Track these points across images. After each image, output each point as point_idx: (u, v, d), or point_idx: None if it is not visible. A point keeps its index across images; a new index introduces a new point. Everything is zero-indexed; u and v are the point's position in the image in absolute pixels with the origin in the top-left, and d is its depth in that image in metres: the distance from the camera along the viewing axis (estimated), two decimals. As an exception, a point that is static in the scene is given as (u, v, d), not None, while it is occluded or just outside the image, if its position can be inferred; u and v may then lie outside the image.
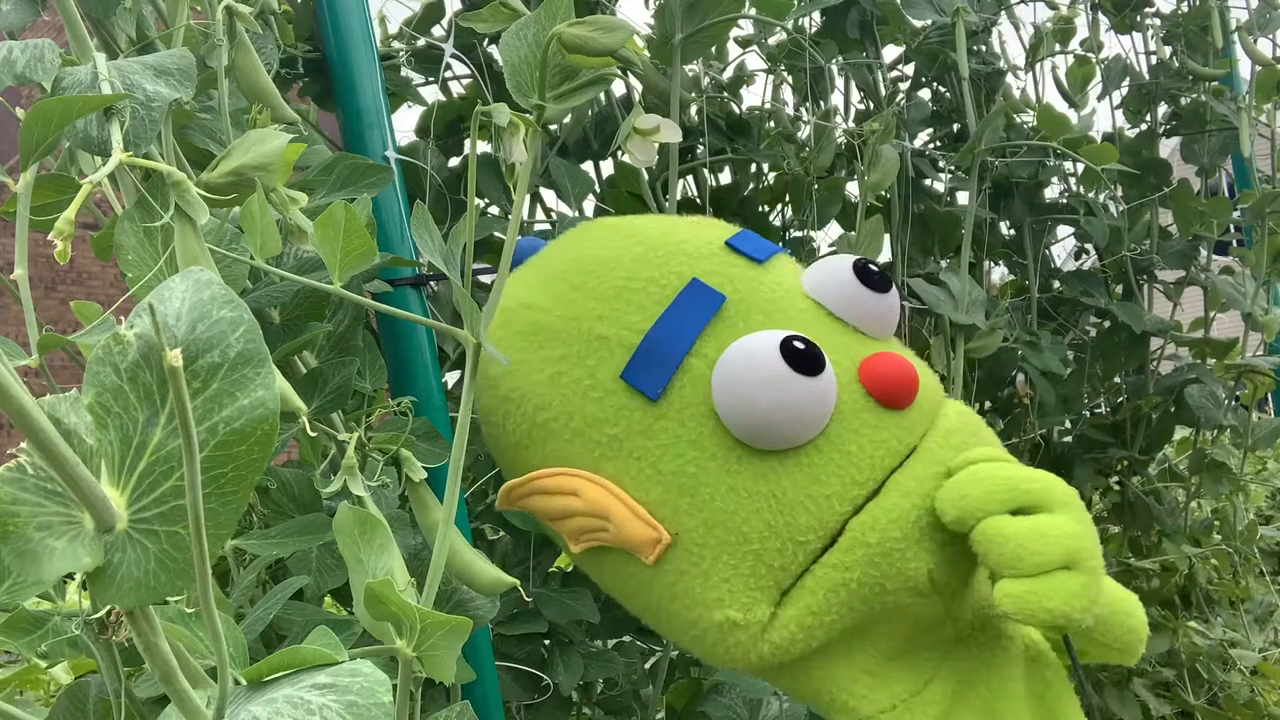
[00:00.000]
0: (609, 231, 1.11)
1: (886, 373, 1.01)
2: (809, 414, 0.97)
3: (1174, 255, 2.32)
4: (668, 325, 1.01)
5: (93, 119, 0.81)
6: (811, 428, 0.98)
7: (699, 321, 1.01)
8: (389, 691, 0.54)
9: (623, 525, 1.00)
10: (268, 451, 0.48)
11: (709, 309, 1.01)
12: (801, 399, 0.96)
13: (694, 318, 1.01)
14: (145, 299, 0.48)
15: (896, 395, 1.01)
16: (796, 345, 0.96)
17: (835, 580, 0.97)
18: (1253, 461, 2.64)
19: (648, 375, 1.00)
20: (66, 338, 0.84)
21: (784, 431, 0.97)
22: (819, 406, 0.97)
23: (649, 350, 1.01)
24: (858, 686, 1.03)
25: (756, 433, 0.98)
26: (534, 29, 0.88)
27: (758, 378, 0.96)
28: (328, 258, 0.86)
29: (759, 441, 0.98)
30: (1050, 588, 0.90)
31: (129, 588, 0.48)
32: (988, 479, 0.96)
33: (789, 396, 0.95)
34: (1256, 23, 2.35)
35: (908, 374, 1.01)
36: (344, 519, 0.84)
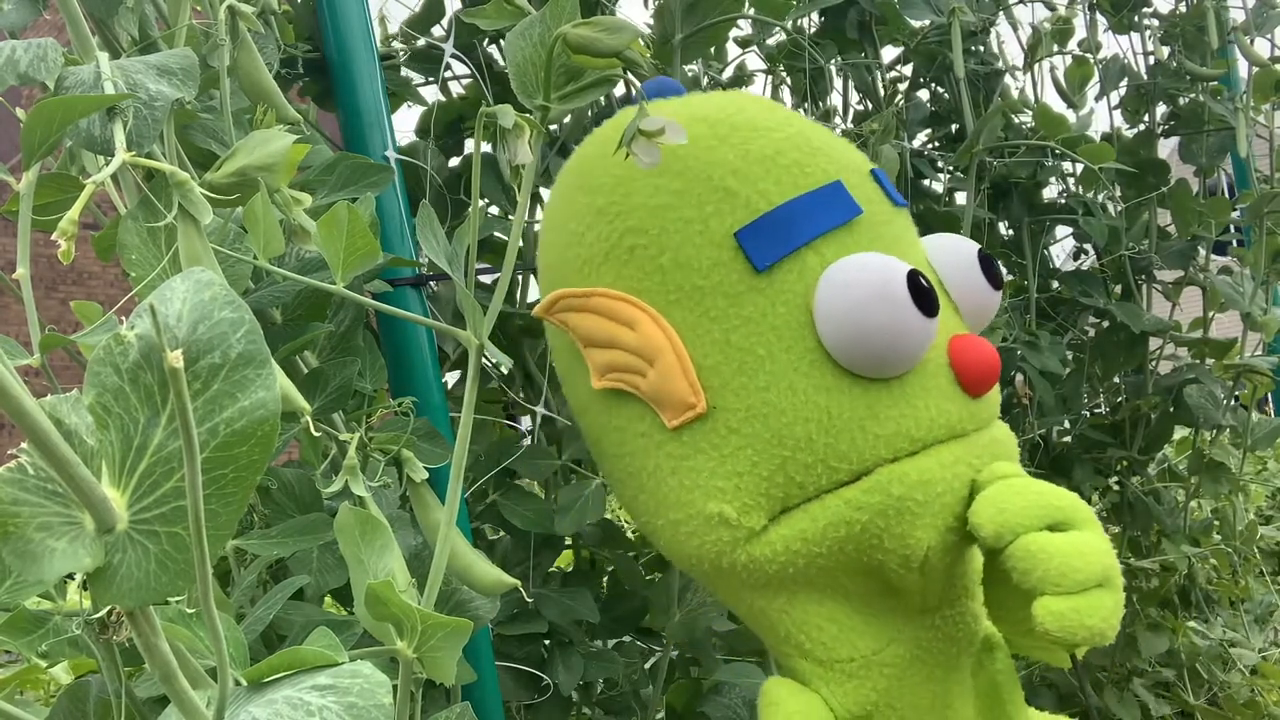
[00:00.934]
0: (769, 107, 1.09)
1: (976, 356, 1.00)
2: (906, 350, 0.96)
3: (1173, 255, 2.32)
4: (801, 208, 0.99)
5: (95, 118, 0.81)
6: (900, 365, 0.97)
7: (831, 220, 0.99)
8: (389, 693, 0.54)
9: (666, 377, 0.98)
10: (268, 452, 0.48)
11: (844, 214, 1.00)
12: (909, 332, 0.95)
13: (828, 214, 1.00)
14: (146, 300, 0.48)
15: (977, 380, 1.00)
16: (922, 281, 0.95)
17: (841, 515, 0.96)
18: (1253, 461, 2.64)
19: (763, 244, 0.98)
20: (68, 338, 0.84)
21: (874, 355, 0.97)
22: (917, 348, 0.97)
23: (774, 222, 0.99)
24: (819, 633, 1.02)
25: (847, 346, 0.96)
26: (539, 29, 0.88)
27: (877, 293, 0.95)
28: (330, 258, 0.86)
29: (842, 355, 0.97)
30: (1091, 605, 0.90)
31: (129, 588, 0.48)
32: (1025, 493, 0.95)
33: (899, 324, 0.95)
34: (1254, 22, 2.35)
35: (993, 365, 1.01)
36: (345, 519, 0.84)
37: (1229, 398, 2.29)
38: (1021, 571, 0.92)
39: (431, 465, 1.14)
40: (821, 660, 1.02)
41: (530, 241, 1.68)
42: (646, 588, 1.65)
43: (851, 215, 1.00)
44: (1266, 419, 2.43)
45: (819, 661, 1.02)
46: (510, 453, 1.55)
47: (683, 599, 1.57)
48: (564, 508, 1.48)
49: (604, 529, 1.70)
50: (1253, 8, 2.37)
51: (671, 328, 0.99)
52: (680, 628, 1.56)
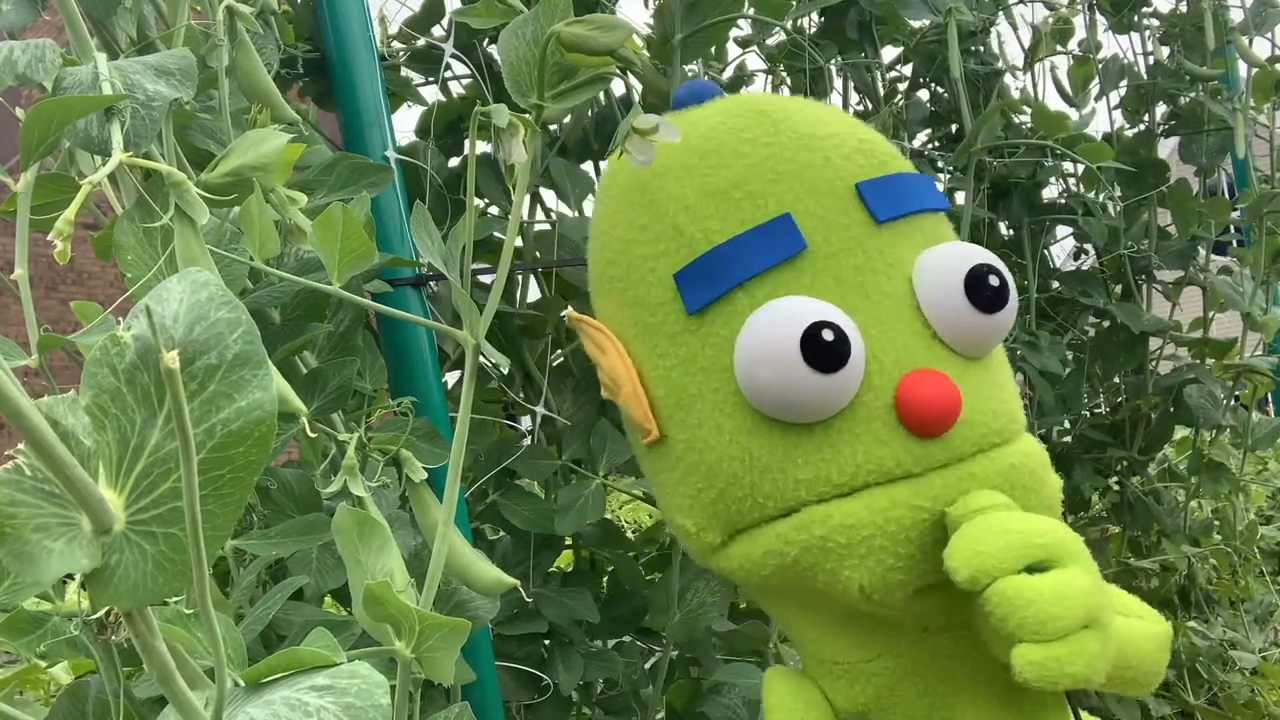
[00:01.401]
0: (758, 119, 1.02)
1: (920, 398, 0.93)
2: (807, 406, 0.93)
3: (1173, 255, 2.32)
4: (737, 248, 0.96)
5: (93, 119, 0.81)
6: (810, 416, 0.93)
7: (767, 259, 0.95)
8: (387, 693, 0.54)
9: (628, 403, 1.00)
10: (265, 453, 0.48)
11: (784, 251, 0.95)
12: (802, 390, 0.92)
13: (765, 253, 0.95)
14: (143, 300, 0.48)
15: (922, 423, 0.93)
16: (824, 336, 0.90)
17: (774, 547, 0.95)
18: (1253, 461, 2.64)
19: (695, 286, 0.96)
20: (66, 338, 0.84)
21: (777, 409, 0.94)
22: (820, 402, 0.93)
23: (708, 264, 0.96)
24: (803, 635, 1.02)
25: (753, 396, 0.94)
26: (532, 28, 0.88)
27: (768, 353, 0.92)
28: (326, 259, 0.86)
29: (755, 403, 0.94)
30: (1072, 652, 0.85)
31: (127, 589, 0.48)
32: (1004, 531, 0.90)
33: (788, 383, 0.91)
34: (1252, 22, 2.35)
35: (943, 405, 0.93)
36: (343, 520, 0.84)
37: (1229, 398, 2.29)
38: (998, 619, 0.87)
39: (431, 465, 1.14)
40: (812, 657, 1.02)
41: (529, 241, 1.68)
42: (646, 588, 1.65)
43: (792, 251, 0.95)
44: (1267, 419, 2.43)
45: (809, 657, 1.02)
46: (510, 453, 1.56)
47: (683, 599, 1.57)
48: (564, 508, 1.48)
49: (604, 529, 1.70)
50: (1251, 7, 2.37)
51: (630, 360, 1.00)
52: (680, 628, 1.57)
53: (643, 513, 3.28)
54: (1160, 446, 2.39)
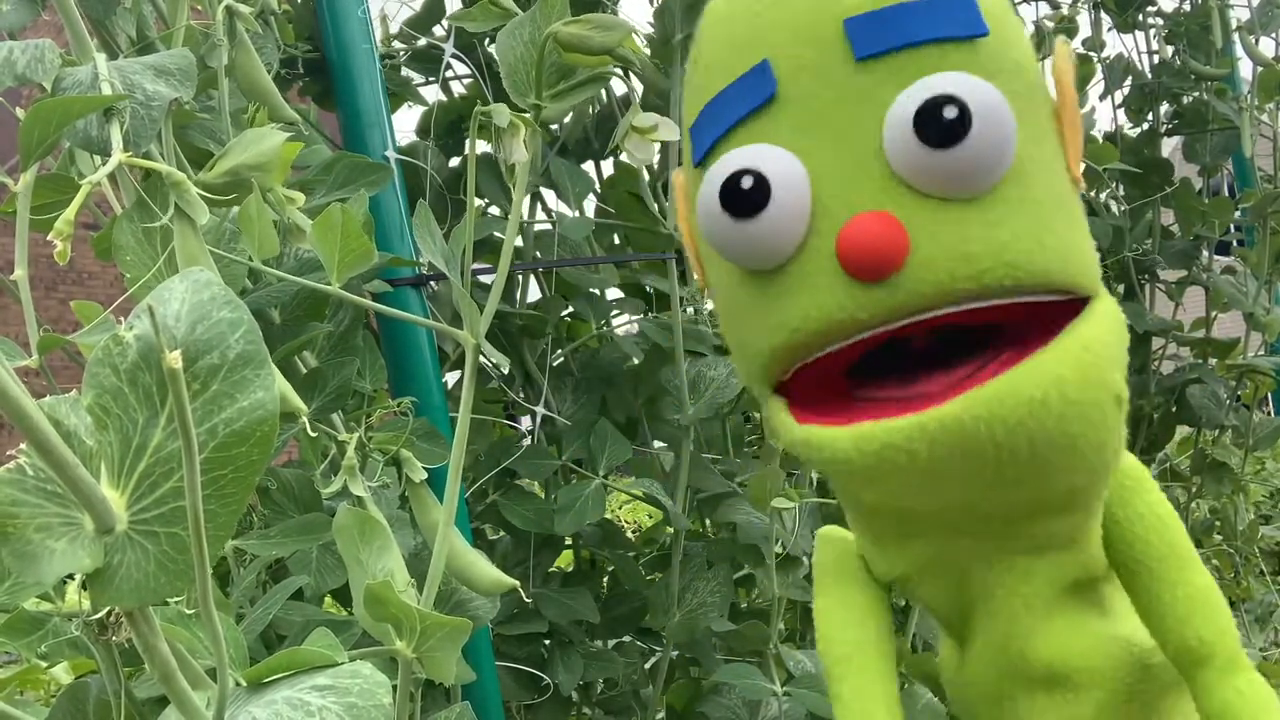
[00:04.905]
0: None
1: (848, 241, 0.84)
2: (740, 252, 0.88)
3: (1176, 255, 2.32)
4: (722, 101, 0.91)
5: (93, 119, 0.81)
6: (754, 263, 0.88)
7: (742, 109, 0.90)
8: (388, 693, 0.54)
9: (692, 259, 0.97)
10: (267, 453, 0.48)
11: (757, 97, 0.89)
12: (727, 237, 0.87)
13: (741, 102, 0.90)
14: (145, 300, 0.48)
15: (855, 267, 0.84)
16: (741, 184, 0.85)
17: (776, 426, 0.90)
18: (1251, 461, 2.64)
19: (698, 139, 0.92)
20: (66, 338, 0.84)
21: (726, 256, 0.89)
22: (751, 248, 0.87)
23: (704, 118, 0.92)
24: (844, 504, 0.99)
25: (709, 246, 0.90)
26: (530, 28, 0.88)
27: (704, 204, 0.87)
28: (326, 259, 0.86)
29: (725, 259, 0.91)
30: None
31: (128, 589, 0.48)
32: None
33: (715, 231, 0.87)
34: (1258, 21, 2.35)
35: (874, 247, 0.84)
36: (343, 520, 0.84)
37: (1231, 398, 2.29)
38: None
39: (431, 465, 1.14)
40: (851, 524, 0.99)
41: (529, 241, 1.68)
42: (646, 588, 1.65)
43: (761, 98, 0.89)
44: (1268, 419, 2.43)
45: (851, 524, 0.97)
46: (510, 453, 1.56)
47: (683, 599, 1.57)
48: (564, 508, 1.48)
49: (604, 529, 1.70)
50: (1257, 7, 2.37)
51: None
52: (680, 628, 1.56)
53: (642, 513, 3.28)
54: (1162, 446, 2.39)
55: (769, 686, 1.46)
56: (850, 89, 0.87)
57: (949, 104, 0.83)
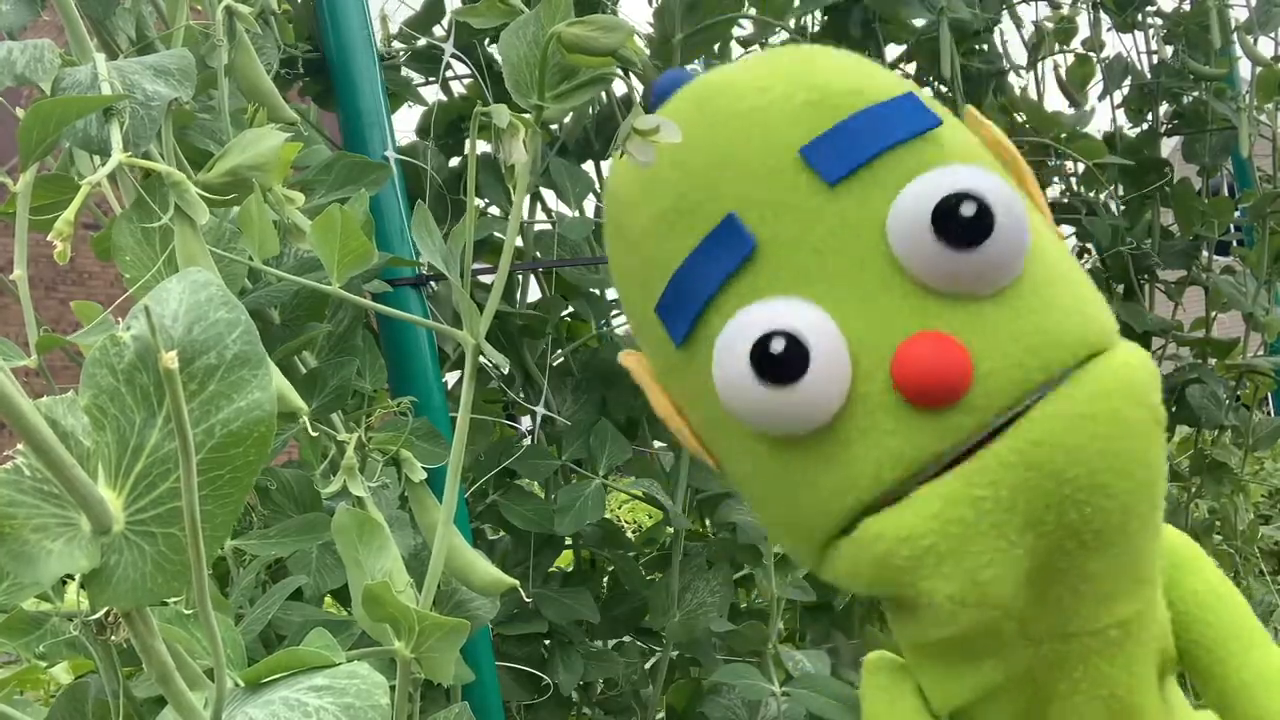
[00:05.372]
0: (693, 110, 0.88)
1: (908, 371, 0.79)
2: (788, 421, 0.82)
3: (1175, 255, 2.32)
4: (693, 266, 0.84)
5: (92, 119, 0.81)
6: (802, 429, 0.82)
7: (724, 269, 0.83)
8: (386, 693, 0.54)
9: (679, 436, 0.89)
10: (264, 453, 0.48)
11: (736, 255, 0.83)
12: (772, 409, 0.81)
13: (719, 263, 0.83)
14: (142, 300, 0.48)
15: (922, 397, 0.79)
16: (772, 348, 0.79)
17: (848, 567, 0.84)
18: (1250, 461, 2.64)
19: (673, 318, 0.86)
20: (65, 338, 0.84)
21: (765, 428, 0.83)
22: (800, 415, 0.81)
23: (676, 290, 0.85)
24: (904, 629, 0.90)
25: (741, 422, 0.84)
26: (534, 28, 0.88)
27: (727, 379, 0.81)
28: (325, 259, 0.86)
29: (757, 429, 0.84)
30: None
31: (126, 589, 0.48)
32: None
33: (757, 404, 0.81)
34: (1257, 21, 2.35)
35: (937, 370, 0.79)
36: (342, 520, 0.84)
37: (1230, 397, 2.29)
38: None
39: (431, 465, 1.14)
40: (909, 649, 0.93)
41: (529, 241, 1.68)
42: (646, 588, 1.65)
43: (742, 254, 0.83)
44: (1267, 419, 2.43)
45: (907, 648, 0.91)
46: (510, 453, 1.56)
47: (682, 599, 1.57)
48: (564, 508, 1.48)
49: (604, 529, 1.70)
50: (1256, 6, 2.37)
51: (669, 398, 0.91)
52: (680, 628, 1.56)
53: (642, 513, 3.28)
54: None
55: (768, 686, 1.46)
56: (835, 215, 0.82)
57: (965, 200, 0.79)
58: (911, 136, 0.82)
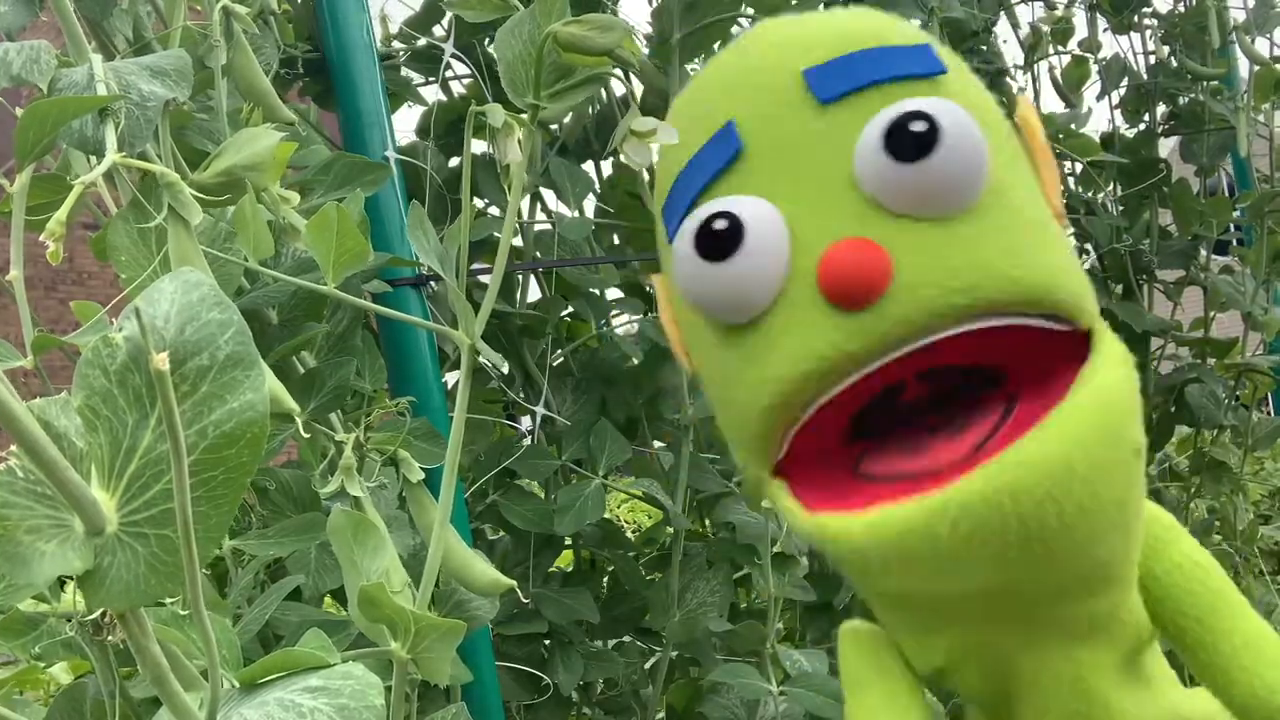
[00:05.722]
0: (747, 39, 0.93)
1: (828, 268, 0.81)
2: (718, 299, 0.85)
3: (1173, 255, 2.32)
4: (691, 169, 0.89)
5: (88, 120, 0.81)
6: (734, 313, 0.85)
7: (709, 171, 0.88)
8: (381, 694, 0.54)
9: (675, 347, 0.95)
10: (258, 454, 0.48)
11: (722, 158, 0.88)
12: (704, 283, 0.84)
13: (710, 165, 0.88)
14: (134, 301, 0.48)
15: (838, 294, 0.81)
16: (714, 225, 0.83)
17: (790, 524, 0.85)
18: (1250, 461, 2.64)
19: (669, 216, 0.90)
20: (61, 339, 0.84)
21: (703, 309, 0.87)
22: (730, 293, 0.84)
23: (675, 192, 0.90)
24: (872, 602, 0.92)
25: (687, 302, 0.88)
26: (529, 26, 0.88)
27: (679, 256, 0.85)
28: (321, 259, 0.86)
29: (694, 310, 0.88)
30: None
31: (119, 591, 0.48)
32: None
33: (693, 278, 0.84)
34: (1254, 22, 2.35)
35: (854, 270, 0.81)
36: (337, 521, 0.84)
37: (1230, 397, 2.29)
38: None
39: (430, 465, 1.14)
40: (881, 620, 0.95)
41: (529, 241, 1.68)
42: (646, 588, 1.65)
43: (729, 156, 0.88)
44: (1267, 419, 2.43)
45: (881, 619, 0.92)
46: (510, 453, 1.56)
47: (682, 599, 1.57)
48: (564, 508, 1.48)
49: (604, 529, 1.70)
50: (1253, 7, 2.36)
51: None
52: (680, 628, 1.56)
53: (642, 513, 3.29)
54: (1161, 446, 2.39)
55: (766, 686, 1.46)
56: (817, 130, 0.86)
57: (917, 119, 0.82)
58: (911, 75, 0.86)
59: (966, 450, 0.79)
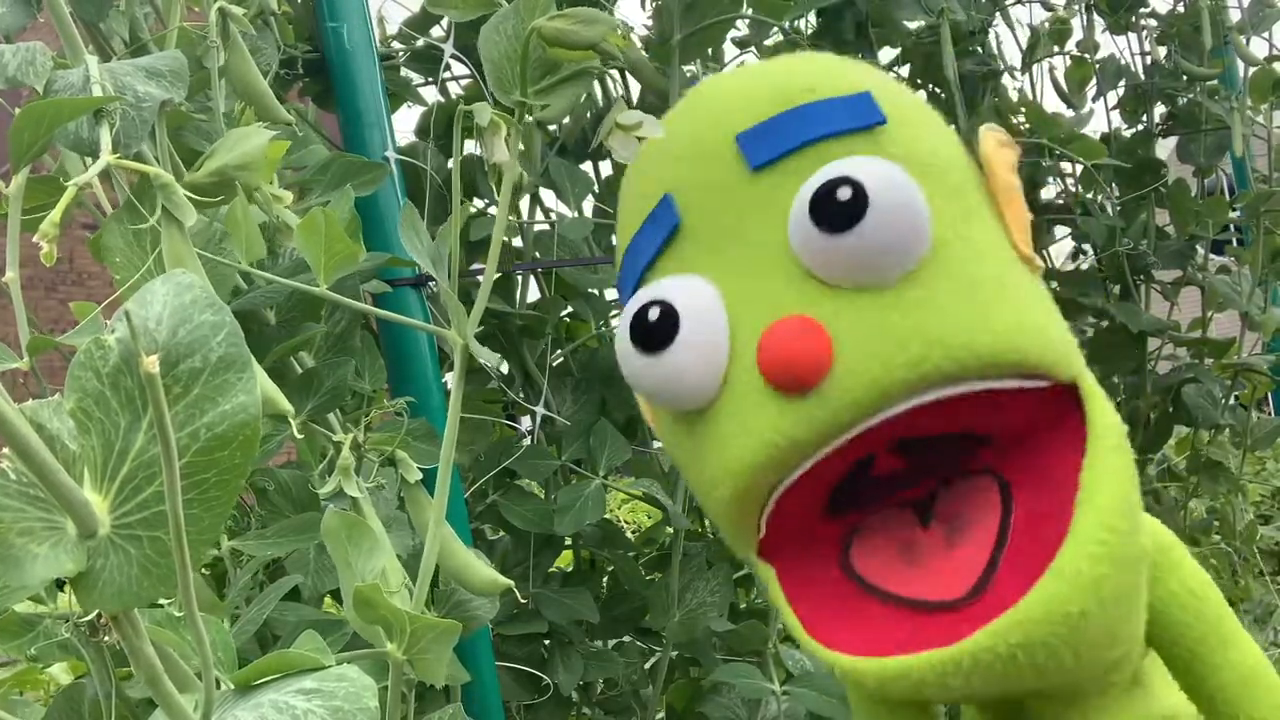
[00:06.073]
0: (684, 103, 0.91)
1: (770, 350, 0.79)
2: (661, 391, 0.84)
3: (1171, 255, 2.32)
4: (635, 245, 0.88)
5: (83, 121, 0.81)
6: (682, 404, 0.84)
7: (652, 247, 0.86)
8: (375, 696, 0.54)
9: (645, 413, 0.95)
10: (251, 456, 0.48)
11: (661, 234, 0.86)
12: (644, 376, 0.83)
13: (651, 240, 0.87)
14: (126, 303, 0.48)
15: (778, 379, 0.78)
16: (648, 315, 0.81)
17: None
18: (1251, 461, 2.63)
19: (623, 288, 0.90)
20: (56, 339, 0.84)
21: (655, 401, 0.86)
22: (667, 384, 0.83)
23: (624, 269, 0.90)
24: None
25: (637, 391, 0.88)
26: (513, 23, 0.88)
27: (619, 346, 0.84)
28: (312, 261, 0.86)
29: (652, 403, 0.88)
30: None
31: (112, 593, 0.48)
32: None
33: (634, 371, 0.83)
34: (1250, 22, 2.35)
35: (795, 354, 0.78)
36: (331, 523, 0.84)
37: (1226, 397, 2.29)
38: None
39: (428, 466, 1.14)
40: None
41: (529, 241, 1.68)
42: (646, 588, 1.65)
43: (667, 231, 0.86)
44: (1266, 419, 2.43)
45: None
46: (510, 453, 1.56)
47: (682, 599, 1.57)
48: (564, 508, 1.48)
49: (604, 529, 1.70)
50: (1248, 7, 2.36)
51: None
52: (680, 628, 1.56)
53: (642, 513, 3.29)
54: (1159, 446, 2.39)
55: (768, 686, 1.46)
56: (750, 199, 0.83)
57: (843, 185, 0.78)
58: (846, 131, 0.82)
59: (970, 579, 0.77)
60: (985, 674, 0.73)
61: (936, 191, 0.79)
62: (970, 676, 0.73)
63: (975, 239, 0.81)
